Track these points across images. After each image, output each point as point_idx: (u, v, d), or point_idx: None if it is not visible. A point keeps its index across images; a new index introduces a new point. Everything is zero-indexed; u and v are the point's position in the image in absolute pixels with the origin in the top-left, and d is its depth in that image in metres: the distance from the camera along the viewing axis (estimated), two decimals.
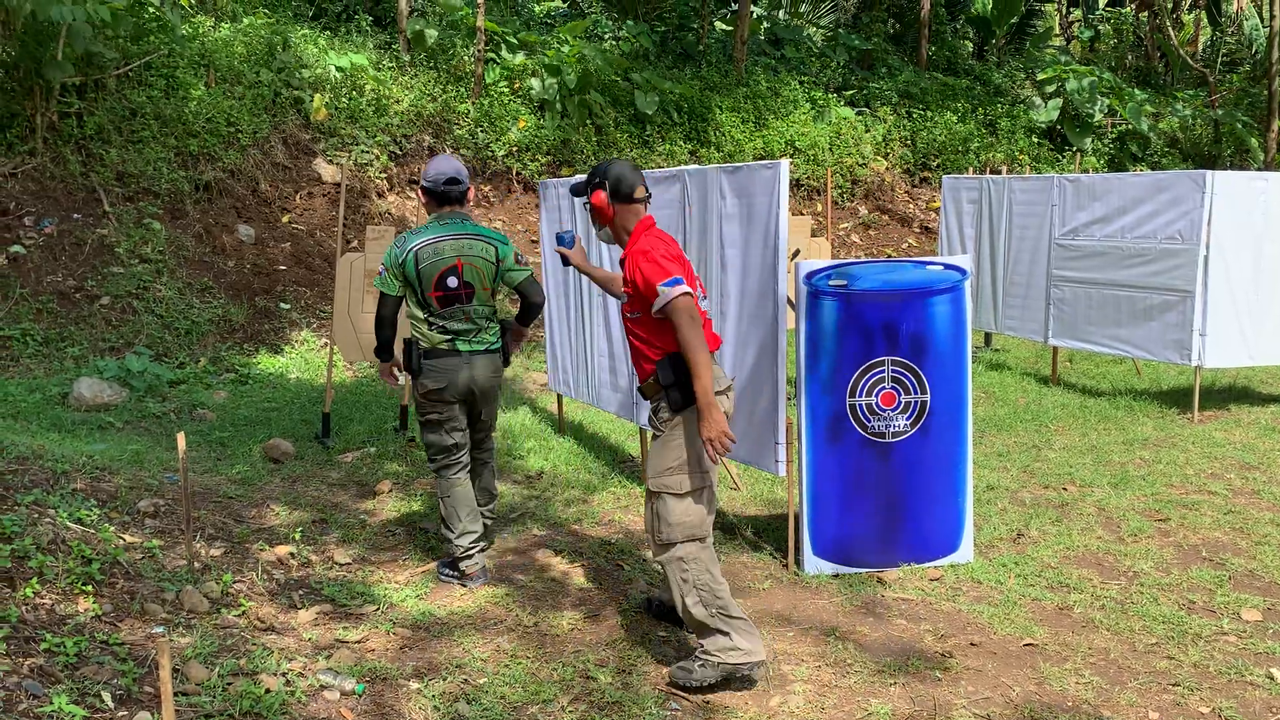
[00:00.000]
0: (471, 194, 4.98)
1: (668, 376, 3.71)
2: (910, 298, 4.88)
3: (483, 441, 5.01)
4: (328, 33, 13.16)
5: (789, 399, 4.93)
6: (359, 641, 4.07)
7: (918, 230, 15.31)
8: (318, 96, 11.82)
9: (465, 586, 4.69)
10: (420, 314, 4.63)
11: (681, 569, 3.74)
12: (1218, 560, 5.04)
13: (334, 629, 4.15)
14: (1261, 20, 22.80)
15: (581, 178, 3.94)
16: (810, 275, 4.84)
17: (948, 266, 4.95)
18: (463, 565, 4.73)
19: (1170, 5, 23.14)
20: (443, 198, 4.68)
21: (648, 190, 3.93)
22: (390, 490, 6.07)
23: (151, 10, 10.34)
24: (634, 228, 3.87)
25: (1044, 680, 3.85)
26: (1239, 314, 7.86)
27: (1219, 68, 22.70)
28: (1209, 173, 7.69)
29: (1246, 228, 7.81)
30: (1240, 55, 24.05)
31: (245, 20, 12.47)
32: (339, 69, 11.95)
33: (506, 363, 4.90)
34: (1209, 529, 5.48)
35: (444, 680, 3.78)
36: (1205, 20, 24.88)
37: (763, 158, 14.77)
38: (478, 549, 4.78)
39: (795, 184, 15.02)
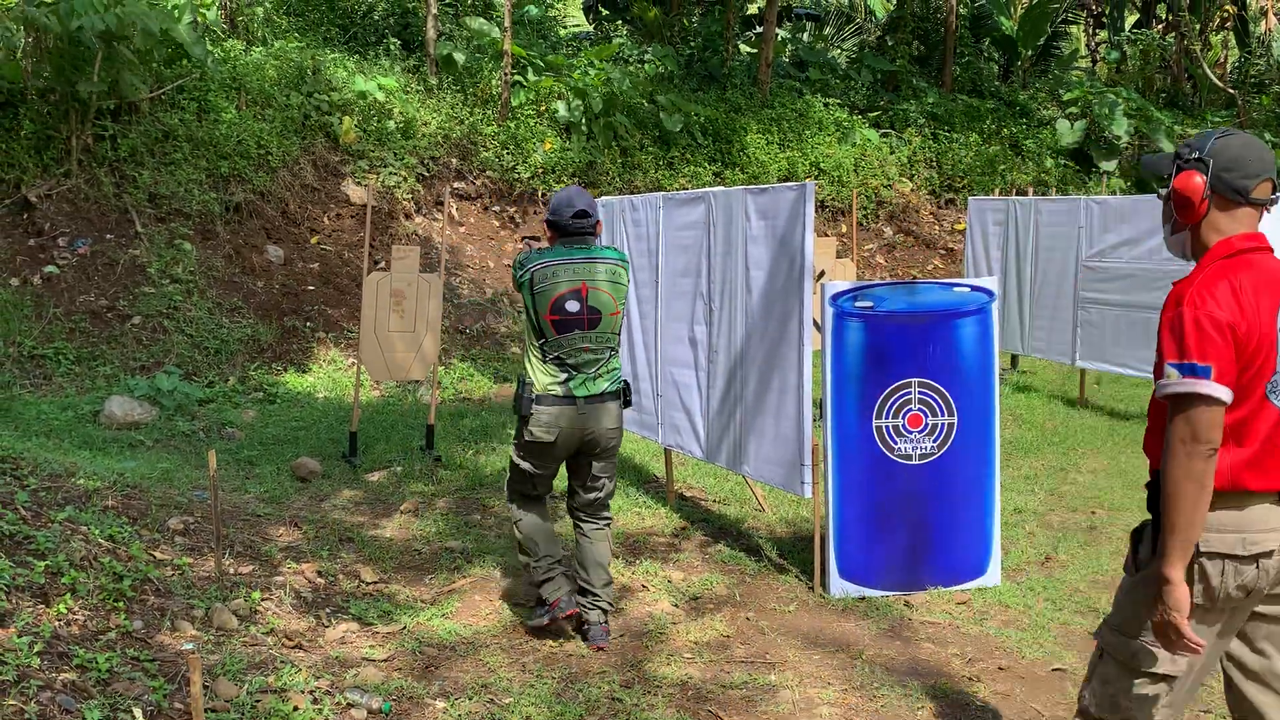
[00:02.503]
0: (600, 229, 4.38)
1: (1151, 499, 2.55)
2: (937, 320, 4.88)
3: (596, 505, 4.37)
4: (357, 56, 13.33)
5: (815, 421, 4.92)
6: (385, 660, 4.09)
7: (942, 252, 15.27)
8: (347, 119, 11.96)
9: (555, 635, 4.25)
10: (535, 342, 4.16)
11: None
12: None
13: (360, 647, 4.18)
14: None
15: (1160, 160, 2.60)
16: (836, 297, 4.84)
17: (974, 288, 4.95)
18: (543, 591, 4.26)
19: (1198, 27, 23.05)
20: (565, 231, 4.19)
21: (1277, 189, 2.52)
22: (416, 509, 6.10)
23: (176, 40, 10.51)
24: (1214, 245, 2.50)
25: (1073, 705, 3.80)
26: None
27: (1247, 88, 22.55)
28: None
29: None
30: (1269, 76, 23.91)
31: (276, 44, 12.65)
32: (367, 93, 12.09)
33: (628, 403, 4.32)
34: None
35: (469, 700, 3.79)
36: (1233, 41, 24.77)
37: (788, 179, 14.80)
38: (560, 571, 4.29)
39: (820, 205, 15.01)
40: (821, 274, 8.56)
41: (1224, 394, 2.34)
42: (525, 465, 4.26)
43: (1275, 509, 2.43)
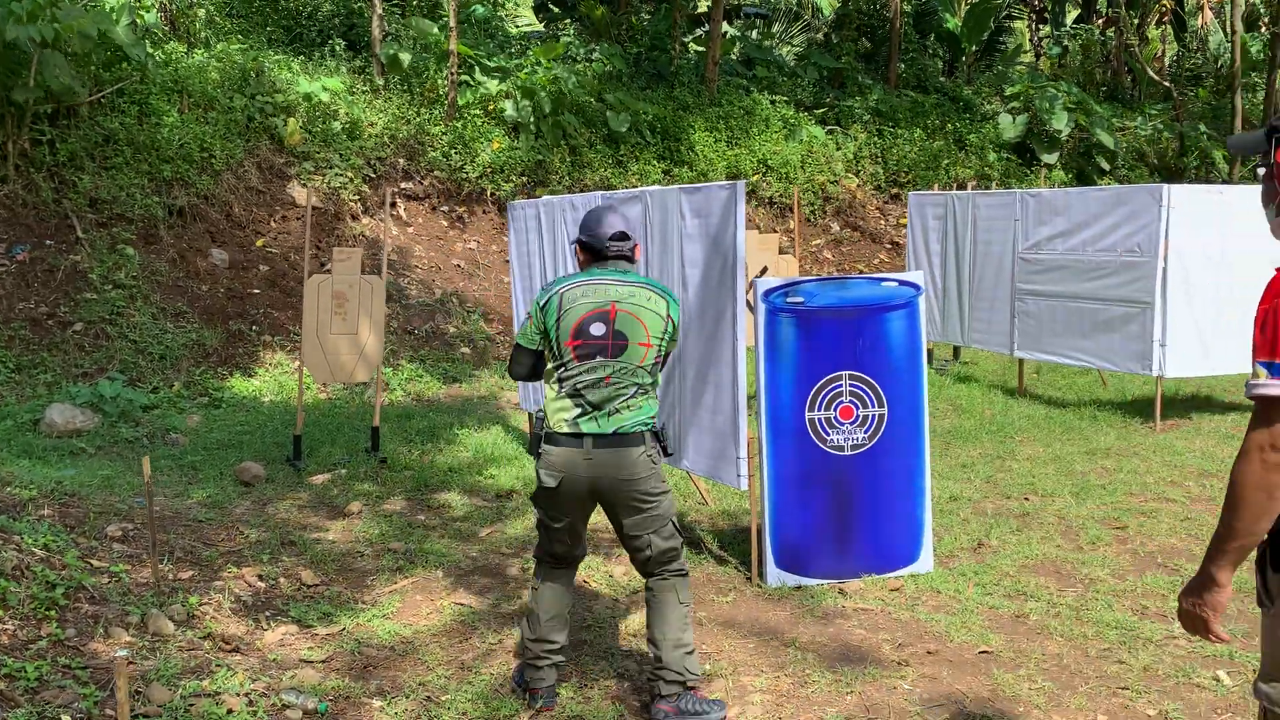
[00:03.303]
0: (639, 252, 3.89)
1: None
2: (866, 313, 4.98)
3: (652, 564, 3.70)
4: (302, 57, 13.25)
5: (750, 414, 5.01)
6: (324, 661, 4.11)
7: (888, 246, 15.47)
8: (291, 121, 11.89)
9: (529, 707, 3.76)
10: (553, 372, 3.66)
11: None
12: (1172, 566, 5.14)
13: (299, 649, 4.20)
14: (1225, 35, 23.21)
15: (1250, 136, 2.38)
16: (768, 293, 4.93)
17: (902, 283, 5.06)
18: (527, 675, 3.79)
19: (1136, 22, 23.51)
20: (601, 255, 3.68)
21: None
22: (360, 511, 6.12)
23: (115, 43, 10.39)
24: None
25: (997, 686, 3.93)
26: (1198, 324, 8.01)
27: (1184, 82, 23.05)
28: (1166, 186, 7.86)
29: (1204, 239, 7.97)
30: (1205, 69, 24.46)
31: (219, 46, 12.55)
32: (312, 94, 12.02)
33: (666, 452, 3.69)
34: (1165, 536, 5.58)
35: (407, 698, 3.83)
36: (1171, 35, 25.28)
37: (735, 176, 14.92)
38: (549, 662, 3.76)
39: (768, 202, 15.17)
40: (764, 270, 8.67)
41: None
42: (538, 513, 3.79)
43: None
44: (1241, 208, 8.05)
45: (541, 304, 3.67)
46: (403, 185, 12.39)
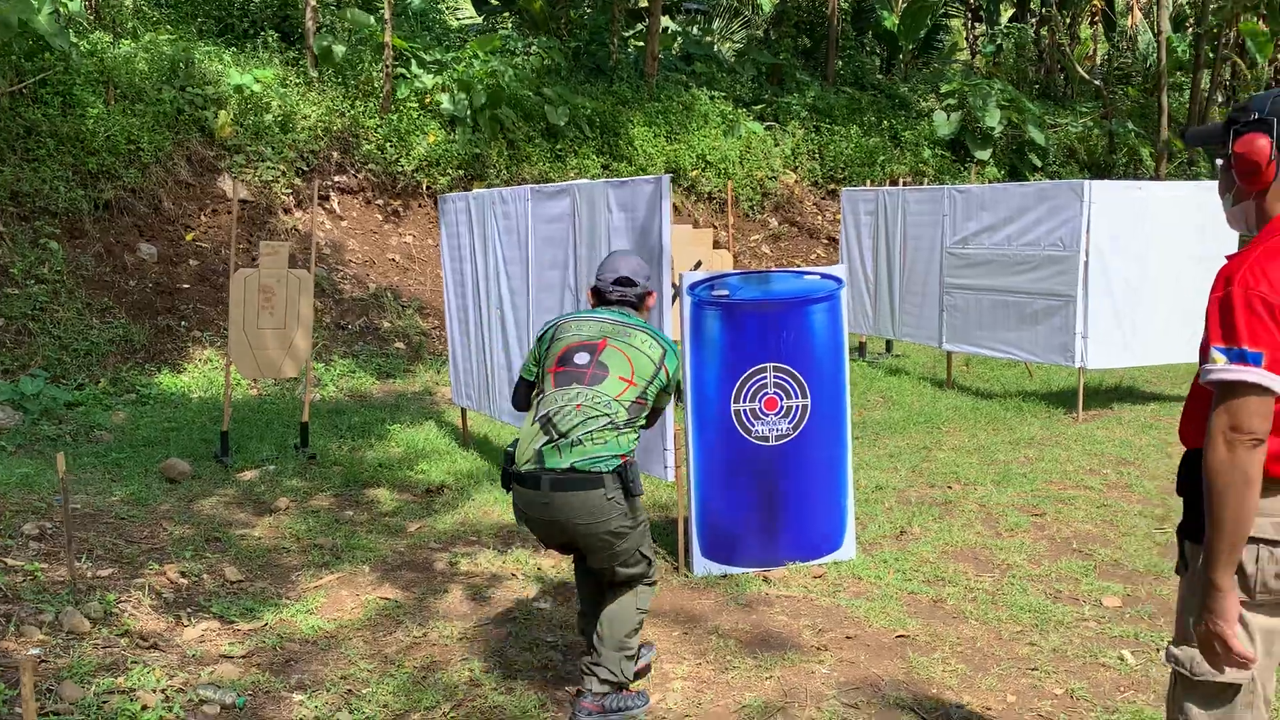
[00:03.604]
0: (652, 301, 3.88)
1: (1181, 481, 2.41)
2: (789, 306, 5.05)
3: (618, 583, 3.68)
4: (233, 49, 13.03)
5: (676, 406, 5.06)
6: (244, 656, 4.08)
7: (825, 241, 15.65)
8: (223, 113, 11.69)
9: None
10: (534, 400, 3.65)
11: None
12: (1086, 551, 5.29)
13: (220, 645, 4.16)
14: (1154, 35, 23.79)
15: (1208, 129, 2.42)
16: (693, 286, 4.98)
17: (824, 276, 5.14)
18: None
19: (1067, 21, 24.01)
20: (604, 298, 3.76)
21: None
22: (288, 507, 6.07)
23: (37, 32, 10.13)
24: (1277, 216, 2.29)
25: (912, 669, 4.02)
26: (1119, 316, 8.23)
27: (1113, 80, 23.58)
28: (1087, 182, 8.05)
29: (1124, 234, 8.19)
30: (1134, 69, 25.05)
31: (146, 37, 12.29)
32: (244, 86, 11.84)
33: (629, 493, 3.49)
34: (1081, 522, 5.74)
35: (328, 691, 3.82)
36: (1102, 35, 25.85)
37: (674, 171, 14.98)
38: (590, 659, 3.65)
39: (707, 197, 15.26)
40: (698, 264, 8.74)
41: (1276, 384, 2.11)
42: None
43: None
44: (1159, 204, 8.29)
45: (539, 336, 3.73)
46: (336, 179, 12.26)
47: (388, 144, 12.60)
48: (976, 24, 26.24)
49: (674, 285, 5.27)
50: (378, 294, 11.29)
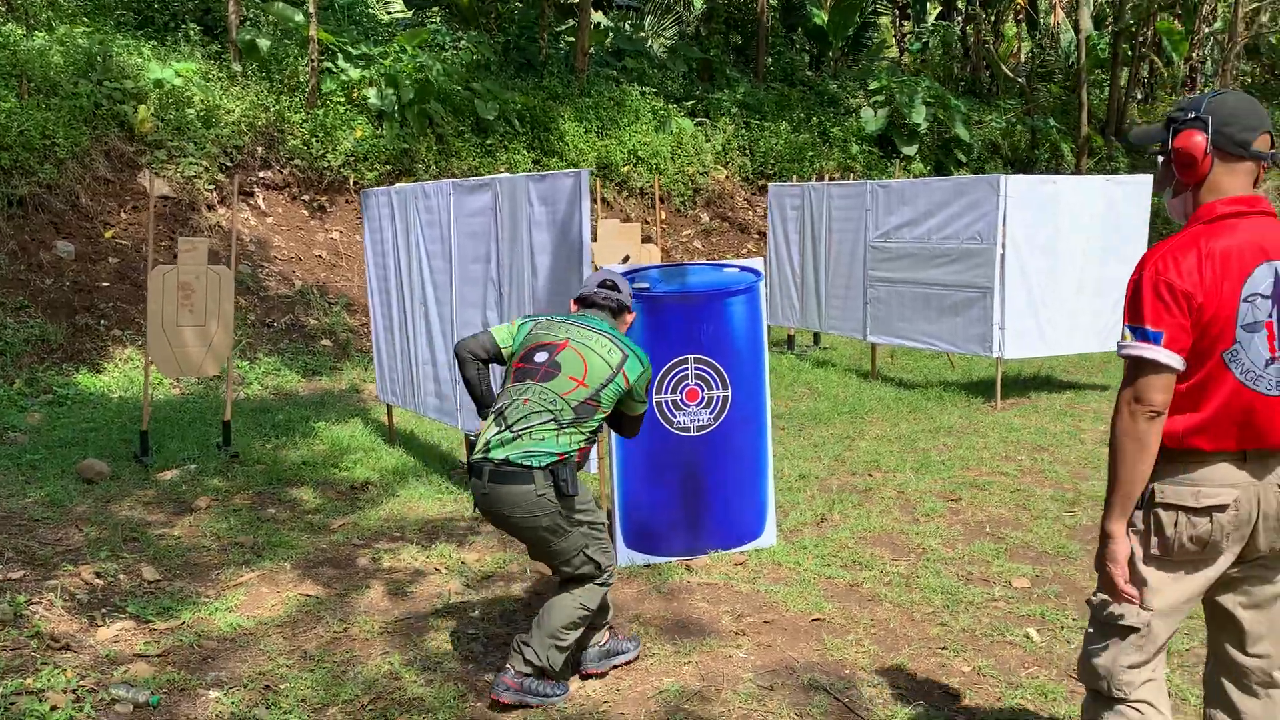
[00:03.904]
0: (630, 320, 4.01)
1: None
2: (709, 299, 5.12)
3: (568, 580, 3.78)
4: (154, 42, 12.77)
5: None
6: (160, 655, 4.04)
7: (756, 236, 15.81)
8: (142, 108, 11.45)
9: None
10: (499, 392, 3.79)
11: None
12: (998, 535, 5.45)
13: (135, 644, 4.12)
14: (1075, 33, 24.39)
15: (1150, 129, 2.62)
16: None
17: (743, 268, 5.22)
18: None
19: (992, 19, 24.51)
20: (586, 301, 3.90)
21: (1275, 143, 2.51)
22: (208, 506, 5.99)
23: None
24: (1200, 208, 2.49)
25: (826, 651, 4.12)
26: (1035, 307, 8.46)
27: (1036, 77, 24.13)
28: (1003, 177, 8.26)
29: (1039, 227, 8.42)
30: (1057, 66, 25.67)
31: (61, 29, 11.99)
32: (164, 80, 11.61)
33: (560, 494, 3.54)
34: (995, 507, 5.91)
35: (245, 688, 3.80)
36: (1026, 33, 26.43)
37: (605, 167, 15.03)
38: (522, 638, 3.73)
39: (639, 192, 15.32)
40: (626, 258, 8.80)
41: (1173, 360, 2.34)
42: None
43: (1231, 468, 2.43)
44: (1071, 198, 8.53)
45: (519, 325, 3.85)
46: (261, 174, 12.08)
47: (314, 139, 12.45)
48: (904, 22, 26.68)
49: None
50: (304, 291, 11.16)
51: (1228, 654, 2.64)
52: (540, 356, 3.67)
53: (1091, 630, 2.62)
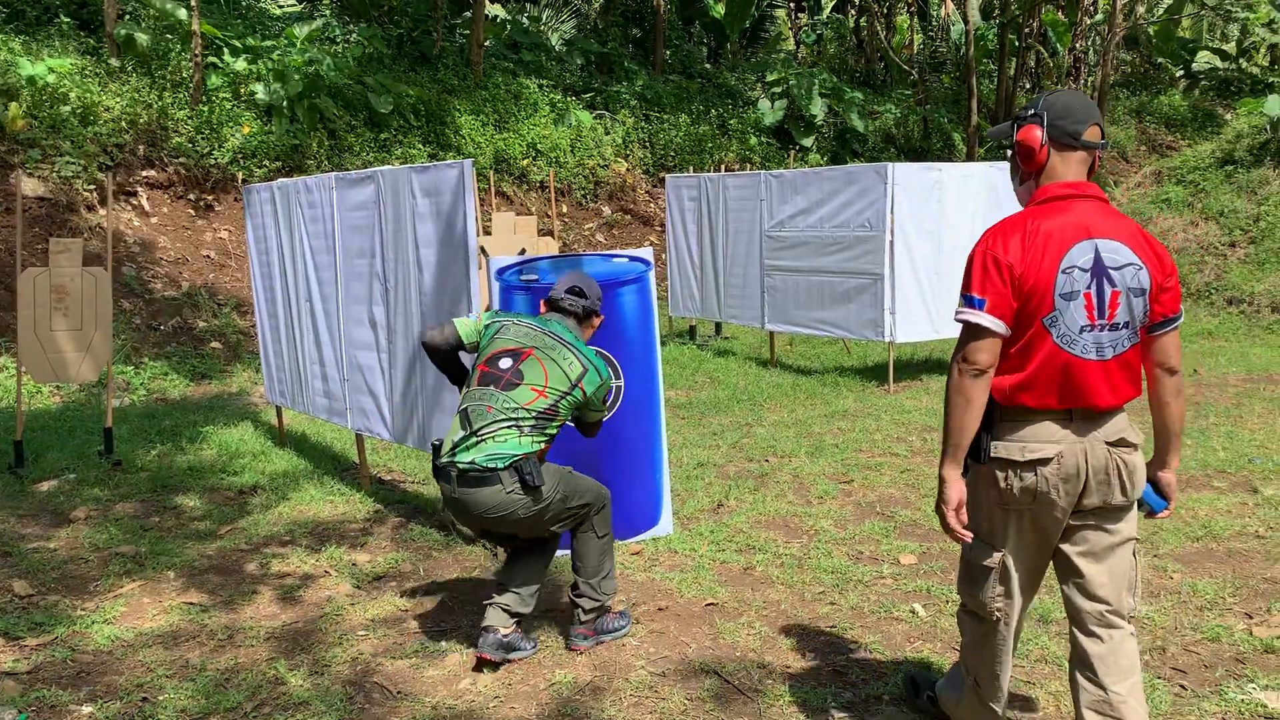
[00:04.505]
0: (596, 324, 4.17)
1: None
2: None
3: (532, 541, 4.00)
4: (24, 37, 12.23)
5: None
6: (30, 672, 3.88)
7: (658, 229, 15.86)
8: (14, 106, 10.97)
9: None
10: (462, 389, 3.93)
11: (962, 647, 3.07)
12: (888, 514, 5.57)
13: (3, 662, 3.94)
14: (966, 25, 25.03)
15: (1001, 126, 2.94)
16: (501, 271, 4.98)
17: (632, 259, 5.23)
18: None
19: (885, 11, 25.00)
20: (554, 305, 4.03)
21: (1104, 136, 2.79)
22: (88, 517, 5.77)
23: None
24: (1040, 189, 2.77)
25: (719, 635, 4.15)
26: (923, 293, 8.66)
27: (928, 69, 24.70)
28: (890, 165, 8.43)
29: (925, 214, 8.62)
30: (948, 57, 26.31)
31: None
32: (36, 77, 11.12)
33: (527, 488, 3.70)
34: (886, 487, 6.03)
35: (121, 700, 3.67)
36: (919, 25, 27.03)
37: (504, 160, 14.91)
38: (491, 602, 3.92)
39: (539, 185, 15.25)
40: (523, 251, 8.75)
41: (995, 325, 2.62)
42: None
43: (1054, 425, 2.69)
44: (954, 185, 8.75)
45: (487, 323, 3.98)
46: (144, 173, 11.68)
47: (199, 136, 12.09)
48: (800, 14, 27.06)
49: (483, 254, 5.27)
50: (191, 292, 10.83)
51: (1073, 601, 2.84)
52: (504, 363, 3.83)
53: (960, 572, 2.96)
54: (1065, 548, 2.81)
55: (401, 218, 5.33)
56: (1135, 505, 2.82)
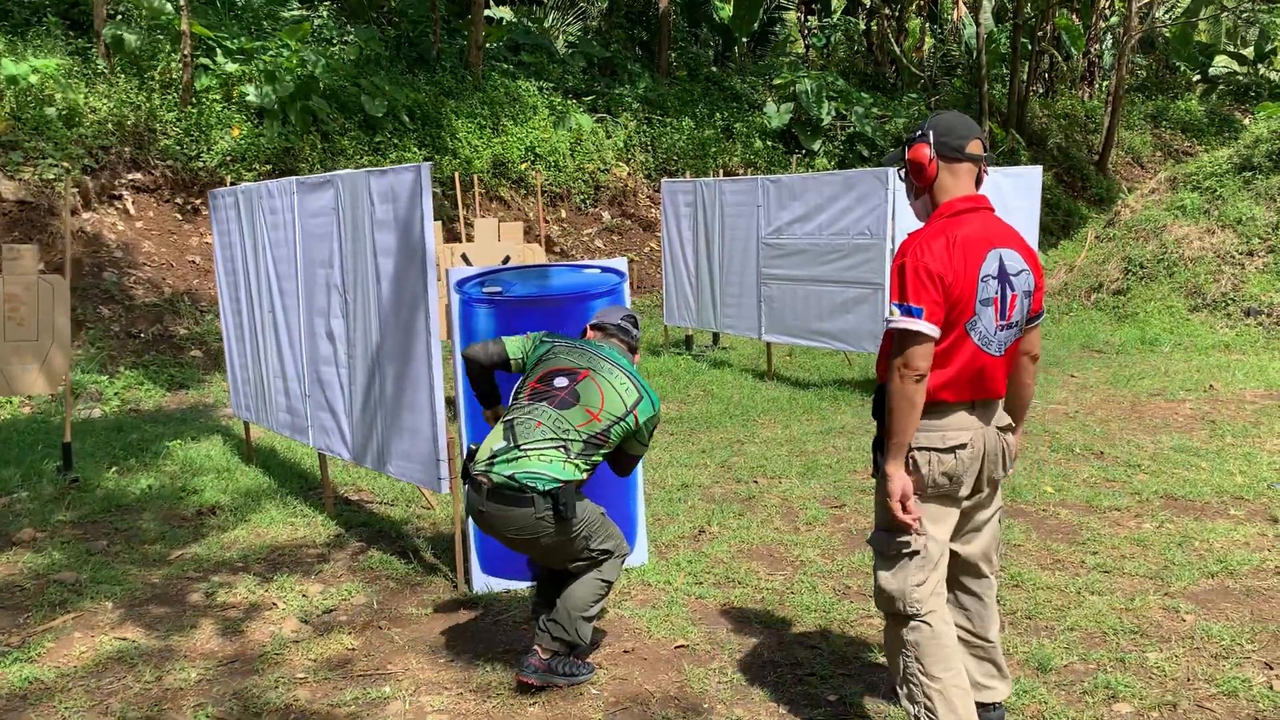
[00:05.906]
0: (637, 360, 4.07)
1: (876, 408, 3.02)
2: (568, 302, 4.78)
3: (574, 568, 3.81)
4: (11, 37, 11.99)
5: (451, 415, 4.73)
6: None
7: (659, 234, 15.51)
8: None
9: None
10: (508, 406, 3.82)
11: (892, 652, 3.12)
12: None
13: None
14: (978, 28, 24.62)
15: (896, 152, 3.10)
16: (461, 283, 4.65)
17: (605, 269, 4.89)
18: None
19: (896, 14, 24.62)
20: (606, 331, 3.97)
21: (986, 150, 3.01)
22: (34, 539, 5.46)
23: None
24: (941, 205, 2.95)
25: (686, 682, 3.80)
26: None
27: (937, 71, 24.31)
28: (890, 169, 8.07)
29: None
30: (960, 60, 25.91)
31: None
32: (19, 77, 10.87)
33: (560, 515, 3.53)
34: None
35: None
36: (930, 28, 26.63)
37: (502, 164, 14.61)
38: (537, 619, 3.81)
39: (541, 190, 14.92)
40: (506, 259, 8.42)
41: (932, 331, 2.81)
42: None
43: (966, 414, 2.97)
44: None
45: (537, 342, 3.89)
46: (130, 176, 11.41)
47: (187, 138, 11.82)
48: (810, 17, 26.70)
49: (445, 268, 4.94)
50: (174, 299, 10.54)
51: (955, 558, 3.14)
52: (560, 382, 3.72)
53: (878, 564, 3.08)
54: (960, 522, 3.11)
55: (360, 225, 5.01)
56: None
